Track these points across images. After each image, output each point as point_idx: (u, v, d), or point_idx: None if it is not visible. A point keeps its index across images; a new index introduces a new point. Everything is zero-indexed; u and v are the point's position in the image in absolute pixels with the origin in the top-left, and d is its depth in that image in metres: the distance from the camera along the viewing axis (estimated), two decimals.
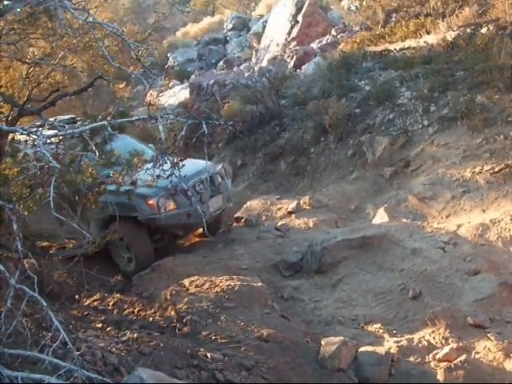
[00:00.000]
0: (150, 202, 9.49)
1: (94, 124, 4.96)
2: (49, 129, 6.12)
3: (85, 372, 3.77)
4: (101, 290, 8.85)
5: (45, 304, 4.02)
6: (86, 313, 7.56)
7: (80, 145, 5.28)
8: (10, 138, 6.05)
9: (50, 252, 9.61)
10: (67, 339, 3.88)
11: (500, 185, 10.50)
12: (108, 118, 5.18)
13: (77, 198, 5.47)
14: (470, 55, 13.67)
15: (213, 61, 27.92)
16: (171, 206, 9.71)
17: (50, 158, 4.18)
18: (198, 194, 10.01)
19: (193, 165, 9.40)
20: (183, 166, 5.47)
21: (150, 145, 11.15)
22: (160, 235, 10.38)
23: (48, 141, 4.78)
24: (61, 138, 5.12)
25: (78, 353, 5.03)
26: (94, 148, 4.90)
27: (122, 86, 19.59)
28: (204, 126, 5.08)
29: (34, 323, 5.67)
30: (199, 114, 5.32)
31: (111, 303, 8.08)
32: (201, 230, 10.95)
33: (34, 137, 4.63)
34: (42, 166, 4.22)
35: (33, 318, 5.75)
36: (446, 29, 15.33)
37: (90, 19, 5.96)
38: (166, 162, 5.15)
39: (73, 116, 10.59)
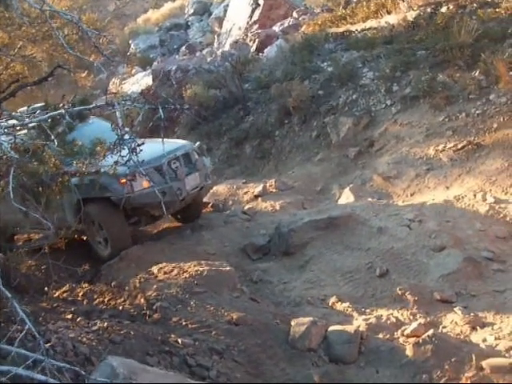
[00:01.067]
0: (123, 180, 9.11)
1: (52, 113, 4.91)
2: (8, 119, 6.04)
3: (53, 361, 3.75)
4: (70, 280, 8.77)
5: (9, 295, 3.99)
6: (55, 304, 7.48)
7: (42, 135, 5.22)
8: None
9: (17, 244, 9.54)
10: (33, 329, 3.86)
11: (463, 162, 10.64)
12: (66, 107, 5.13)
13: (40, 188, 5.41)
14: (430, 34, 13.76)
15: (175, 46, 27.75)
16: (145, 183, 9.25)
17: (8, 149, 4.13)
18: (172, 172, 9.75)
19: (167, 143, 9.23)
20: (141, 151, 5.42)
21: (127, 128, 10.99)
22: (137, 217, 10.11)
23: (6, 131, 4.72)
24: (19, 128, 5.06)
25: (49, 344, 5.02)
26: (53, 138, 4.85)
27: (83, 75, 19.36)
28: (160, 110, 5.06)
29: (3, 317, 5.63)
30: (156, 99, 5.30)
31: (81, 294, 8.01)
32: (178, 212, 10.82)
33: None
34: (0, 156, 4.17)
35: (1, 311, 5.70)
36: (407, 8, 15.40)
37: (47, 8, 5.88)
38: (123, 148, 5.12)
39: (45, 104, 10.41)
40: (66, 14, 6.29)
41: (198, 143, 11.06)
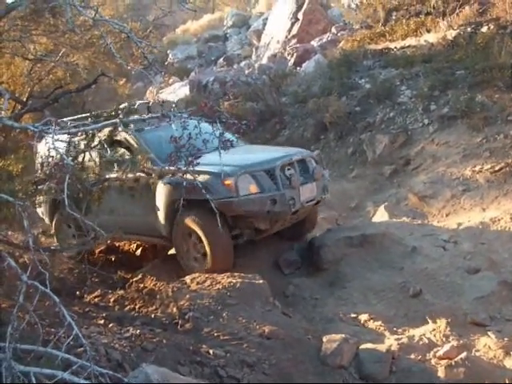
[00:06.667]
0: (227, 181, 7.83)
1: (107, 122, 4.96)
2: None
3: (97, 368, 3.78)
4: (101, 286, 8.85)
5: (57, 300, 4.03)
6: (87, 309, 7.57)
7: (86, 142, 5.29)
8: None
9: (57, 248, 9.66)
10: (80, 335, 3.90)
11: (500, 184, 10.54)
12: (120, 116, 5.18)
13: (81, 194, 5.47)
14: (470, 54, 13.72)
15: (212, 58, 27.99)
16: (253, 188, 8.05)
17: (64, 156, 4.18)
18: (286, 179, 8.37)
19: (280, 150, 8.50)
20: (198, 164, 5.28)
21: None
22: (239, 230, 8.69)
23: (60, 138, 4.77)
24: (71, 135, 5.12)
25: (82, 348, 5.06)
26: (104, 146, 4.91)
27: (122, 82, 19.59)
28: (218, 125, 5.01)
29: (38, 319, 5.68)
30: (213, 113, 5.27)
31: (112, 300, 8.09)
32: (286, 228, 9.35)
33: (46, 135, 4.64)
34: (56, 163, 4.21)
35: (35, 313, 5.76)
36: (447, 27, 15.37)
37: (98, 17, 5.96)
38: (180, 160, 5.11)
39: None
40: (118, 23, 6.36)
41: (316, 151, 10.14)
